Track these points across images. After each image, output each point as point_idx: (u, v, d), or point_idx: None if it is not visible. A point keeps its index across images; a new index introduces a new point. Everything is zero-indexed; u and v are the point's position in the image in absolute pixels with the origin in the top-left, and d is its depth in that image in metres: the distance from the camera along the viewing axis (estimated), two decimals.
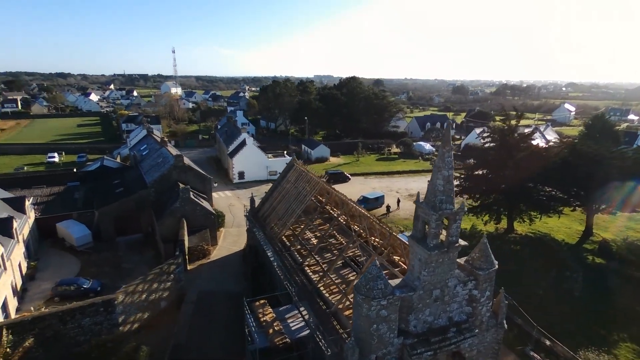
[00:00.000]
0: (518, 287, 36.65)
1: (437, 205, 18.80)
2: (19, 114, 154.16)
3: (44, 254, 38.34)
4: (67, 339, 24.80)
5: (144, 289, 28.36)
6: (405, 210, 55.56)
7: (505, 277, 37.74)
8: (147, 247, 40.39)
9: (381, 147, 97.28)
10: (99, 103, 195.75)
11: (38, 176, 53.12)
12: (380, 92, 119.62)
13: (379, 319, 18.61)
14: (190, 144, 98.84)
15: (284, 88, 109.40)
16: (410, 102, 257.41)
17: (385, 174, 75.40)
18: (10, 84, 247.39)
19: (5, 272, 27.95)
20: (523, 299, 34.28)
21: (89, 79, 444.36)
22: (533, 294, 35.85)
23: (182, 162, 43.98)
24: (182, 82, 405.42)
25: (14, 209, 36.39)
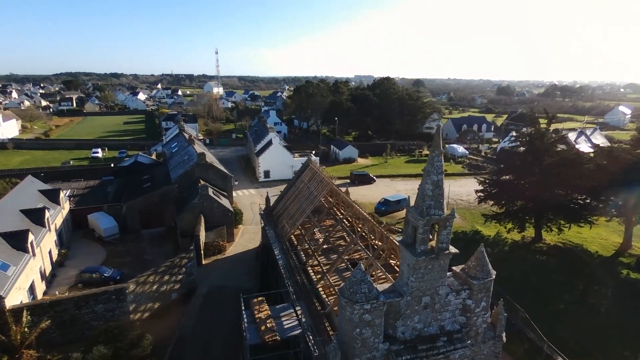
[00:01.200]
0: (538, 299, 35.02)
1: (425, 211, 18.39)
2: (74, 112, 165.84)
3: (75, 243, 41.17)
4: (82, 323, 26.60)
5: (155, 280, 29.78)
6: None
7: (526, 288, 36.24)
8: (168, 240, 42.25)
9: (412, 148, 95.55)
10: (146, 102, 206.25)
11: (78, 170, 57.03)
12: (414, 93, 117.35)
13: (362, 323, 18.49)
14: (223, 142, 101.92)
15: (316, 88, 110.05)
16: (451, 103, 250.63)
17: (413, 177, 74.04)
18: (68, 83, 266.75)
19: (34, 258, 30.37)
20: (541, 312, 32.71)
21: (140, 78, 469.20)
22: (553, 307, 34.02)
23: (204, 160, 45.59)
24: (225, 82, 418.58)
25: (49, 200, 39.40)
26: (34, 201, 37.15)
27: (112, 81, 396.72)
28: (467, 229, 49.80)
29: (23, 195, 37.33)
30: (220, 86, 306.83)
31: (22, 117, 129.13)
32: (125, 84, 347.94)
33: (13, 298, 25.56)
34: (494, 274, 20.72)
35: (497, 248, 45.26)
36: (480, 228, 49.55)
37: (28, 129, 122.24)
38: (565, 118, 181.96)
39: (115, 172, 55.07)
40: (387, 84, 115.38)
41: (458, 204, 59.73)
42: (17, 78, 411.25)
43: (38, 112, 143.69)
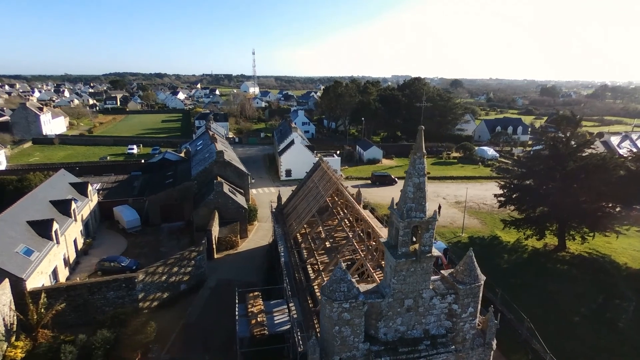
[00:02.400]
0: (552, 309, 33.65)
1: (405, 213, 18.35)
2: (117, 110, 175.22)
3: (101, 233, 43.89)
4: (94, 307, 28.47)
5: (164, 271, 31.31)
6: (445, 217, 53.19)
7: (540, 298, 34.86)
8: (185, 234, 44.04)
9: (440, 150, 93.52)
10: (184, 101, 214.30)
11: (109, 165, 60.57)
12: (445, 94, 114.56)
13: (341, 321, 18.74)
14: (252, 141, 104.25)
15: (344, 88, 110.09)
16: (489, 103, 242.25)
17: (437, 179, 72.57)
18: (115, 83, 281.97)
19: (57, 245, 32.81)
20: (553, 324, 31.44)
21: (182, 78, 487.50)
22: (567, 319, 32.52)
23: (222, 158, 47.13)
24: (262, 82, 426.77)
25: (78, 193, 42.26)
26: (64, 193, 40.00)
27: (156, 81, 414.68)
28: (485, 234, 48.36)
29: (54, 187, 40.27)
30: (256, 86, 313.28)
31: (70, 115, 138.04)
32: (167, 83, 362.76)
33: (34, 281, 27.81)
34: (483, 280, 20.27)
35: (516, 255, 43.66)
36: (499, 234, 47.98)
37: (75, 125, 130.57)
38: (613, 121, 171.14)
39: (143, 168, 58.02)
40: (417, 85, 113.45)
41: (480, 208, 58.11)
42: (71, 78, 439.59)
43: (85, 110, 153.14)
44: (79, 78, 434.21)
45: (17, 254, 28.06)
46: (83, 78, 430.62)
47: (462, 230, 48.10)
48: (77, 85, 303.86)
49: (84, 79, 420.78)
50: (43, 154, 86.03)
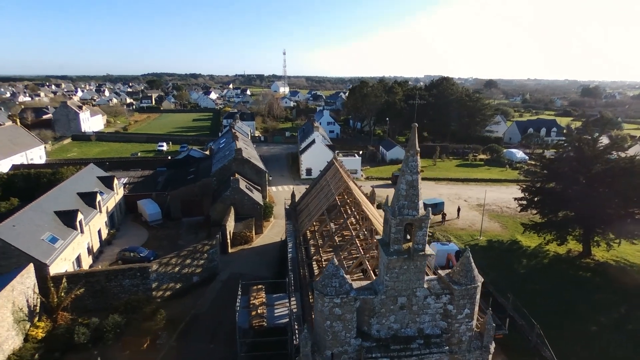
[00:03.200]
0: (569, 317, 32.45)
1: (397, 210, 18.37)
2: (152, 109, 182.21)
3: (125, 225, 46.09)
4: (111, 294, 30.06)
5: (177, 262, 32.60)
6: (465, 220, 52.12)
7: (558, 305, 33.71)
8: (203, 228, 45.47)
9: (466, 152, 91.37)
10: (216, 101, 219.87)
11: (137, 161, 63.29)
12: (474, 94, 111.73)
13: (332, 316, 18.98)
14: (277, 139, 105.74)
15: (370, 88, 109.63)
16: (524, 105, 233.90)
17: (460, 181, 71.08)
18: (151, 83, 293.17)
19: (81, 234, 34.85)
20: (568, 332, 30.34)
21: (215, 78, 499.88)
22: (584, 328, 31.25)
23: (241, 155, 48.32)
24: (292, 82, 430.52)
25: (105, 186, 44.59)
26: (91, 186, 42.33)
27: (191, 81, 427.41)
28: (505, 237, 47.01)
29: (83, 180, 42.68)
30: (286, 86, 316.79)
31: (108, 113, 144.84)
32: (200, 83, 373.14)
33: (57, 267, 29.71)
34: (480, 281, 19.92)
35: (535, 260, 42.22)
36: (520, 238, 46.50)
37: (112, 123, 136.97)
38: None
39: (169, 164, 60.30)
40: (445, 84, 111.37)
41: (503, 212, 56.51)
42: (112, 78, 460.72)
43: (122, 109, 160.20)
44: (119, 78, 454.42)
45: (43, 241, 30.07)
46: (123, 78, 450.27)
47: (480, 233, 46.97)
48: (116, 85, 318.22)
49: (123, 79, 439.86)
50: (80, 150, 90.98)
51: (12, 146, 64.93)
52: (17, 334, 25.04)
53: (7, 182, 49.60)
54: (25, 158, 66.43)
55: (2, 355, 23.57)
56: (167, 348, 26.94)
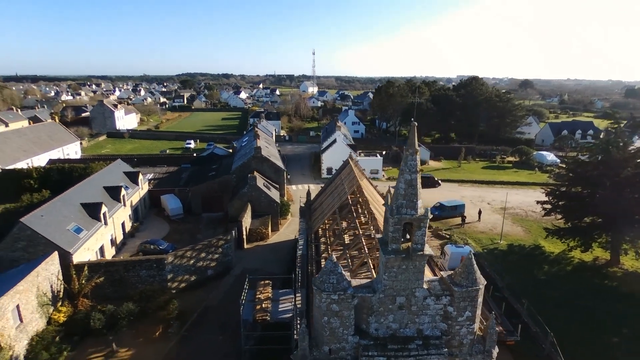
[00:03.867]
0: (590, 327, 31.12)
1: (395, 209, 18.31)
2: (183, 108, 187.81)
3: (148, 219, 47.96)
4: (129, 283, 31.44)
5: (192, 255, 33.67)
6: (486, 223, 50.79)
7: (578, 314, 32.44)
8: (222, 224, 46.59)
9: (493, 154, 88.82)
10: (245, 100, 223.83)
11: (164, 157, 65.58)
12: (504, 94, 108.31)
13: (329, 312, 19.17)
14: (301, 139, 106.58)
15: (396, 88, 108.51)
16: (561, 106, 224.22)
17: (485, 183, 69.23)
18: (185, 83, 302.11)
19: (105, 226, 36.63)
20: (588, 342, 29.11)
21: (246, 78, 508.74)
22: (605, 339, 29.89)
23: (260, 154, 49.20)
24: (322, 82, 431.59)
25: (130, 181, 46.57)
26: (117, 180, 44.32)
27: (222, 81, 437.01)
28: (527, 242, 45.49)
29: (109, 175, 44.77)
30: (315, 86, 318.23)
31: (142, 112, 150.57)
32: (232, 83, 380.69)
33: (80, 256, 31.40)
34: (483, 284, 19.55)
35: (558, 267, 40.63)
36: (543, 243, 44.88)
37: (145, 121, 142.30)
38: None
39: (193, 161, 62.17)
40: (475, 84, 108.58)
41: (528, 216, 54.68)
42: (148, 78, 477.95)
43: (155, 108, 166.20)
44: (155, 78, 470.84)
45: (68, 231, 31.86)
46: (159, 78, 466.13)
47: (500, 237, 45.67)
48: (152, 85, 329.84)
49: (159, 79, 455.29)
50: (114, 147, 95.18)
51: (50, 142, 68.89)
52: (40, 316, 26.69)
53: (44, 175, 52.81)
54: (62, 153, 70.28)
55: (26, 335, 25.22)
56: (178, 337, 27.93)
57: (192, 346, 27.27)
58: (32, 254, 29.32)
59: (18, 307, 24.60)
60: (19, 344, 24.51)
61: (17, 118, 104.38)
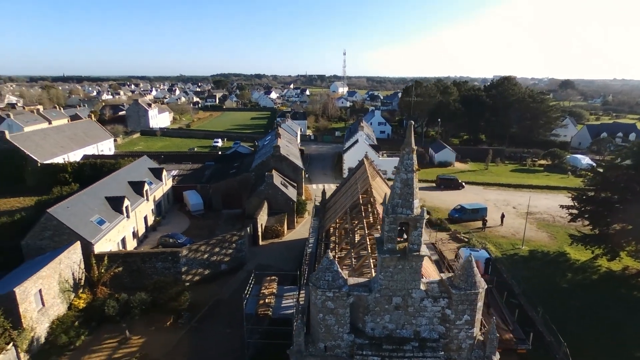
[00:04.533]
0: (610, 339, 29.57)
1: (390, 209, 18.18)
2: (215, 107, 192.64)
3: (171, 214, 49.69)
4: (146, 274, 32.76)
5: (206, 250, 34.65)
6: (509, 227, 49.13)
7: (601, 326, 30.93)
8: (240, 220, 47.50)
9: (524, 156, 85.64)
10: (275, 100, 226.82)
11: (190, 155, 67.65)
12: (538, 95, 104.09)
13: (324, 309, 19.30)
14: (326, 139, 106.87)
15: (423, 89, 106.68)
16: (604, 107, 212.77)
17: (512, 187, 66.89)
18: (218, 83, 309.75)
19: (127, 219, 38.33)
20: (606, 355, 27.74)
21: (278, 79, 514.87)
22: (626, 353, 28.33)
23: (278, 152, 49.87)
24: (353, 83, 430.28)
25: (154, 176, 48.44)
26: (142, 176, 46.20)
27: (255, 81, 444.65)
28: (551, 249, 43.65)
29: (135, 170, 46.76)
30: (345, 86, 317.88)
31: (175, 111, 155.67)
32: (263, 83, 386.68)
33: (102, 246, 33.05)
34: (483, 288, 19.06)
35: (583, 275, 38.79)
36: (568, 250, 42.93)
37: (177, 120, 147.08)
38: None
39: (216, 159, 63.79)
40: (507, 85, 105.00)
41: (555, 221, 52.48)
42: (184, 79, 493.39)
43: (187, 107, 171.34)
44: (190, 78, 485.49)
45: (91, 222, 33.61)
46: (194, 78, 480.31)
47: (522, 242, 44.07)
48: (187, 85, 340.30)
49: (194, 79, 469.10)
50: (146, 144, 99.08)
51: (86, 138, 72.68)
52: (62, 302, 28.34)
53: (78, 170, 55.88)
54: (97, 149, 73.99)
55: (48, 319, 26.86)
56: (188, 328, 28.88)
57: (201, 337, 28.12)
58: (57, 242, 31.15)
59: (40, 292, 26.24)
60: (41, 326, 26.15)
61: (59, 116, 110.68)
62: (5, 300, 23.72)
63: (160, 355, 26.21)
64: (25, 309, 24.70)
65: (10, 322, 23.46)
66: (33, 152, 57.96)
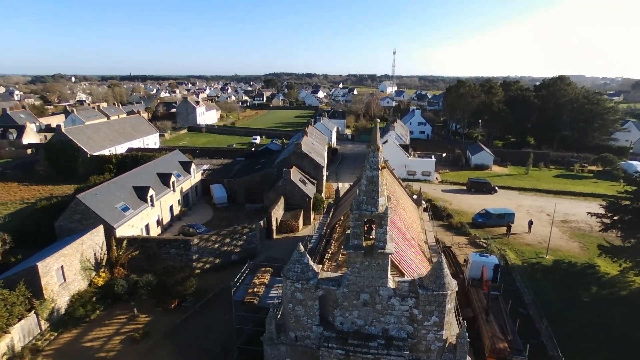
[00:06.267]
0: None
1: (355, 206, 18.39)
2: (262, 106, 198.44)
3: (198, 205, 52.54)
4: (160, 259, 35.19)
5: (217, 240, 36.47)
6: (537, 235, 46.46)
7: (624, 344, 28.81)
8: (261, 214, 49.14)
9: (572, 161, 79.88)
10: (322, 99, 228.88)
11: (223, 150, 70.72)
12: (594, 96, 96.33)
13: (294, 300, 19.94)
14: (364, 138, 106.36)
15: (467, 88, 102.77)
16: None
17: (551, 193, 62.92)
18: (268, 82, 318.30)
19: (152, 208, 41.28)
20: None
21: (329, 78, 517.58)
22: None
23: (300, 150, 50.92)
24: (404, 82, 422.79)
25: (183, 170, 51.48)
26: (171, 168, 49.33)
27: (305, 80, 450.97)
28: (580, 260, 40.80)
29: (165, 163, 50.04)
30: (394, 86, 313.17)
31: (224, 109, 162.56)
32: (313, 83, 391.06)
33: (123, 231, 35.98)
34: (452, 289, 18.69)
35: (610, 290, 35.97)
36: (599, 262, 39.89)
37: (224, 117, 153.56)
38: None
39: (246, 155, 66.22)
40: (559, 85, 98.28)
41: (593, 231, 48.76)
42: (238, 78, 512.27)
43: (235, 105, 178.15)
44: (244, 78, 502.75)
45: (116, 208, 36.69)
46: (247, 78, 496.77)
47: (547, 251, 41.57)
48: (239, 84, 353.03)
49: (247, 78, 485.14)
50: (190, 139, 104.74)
51: (133, 133, 78.55)
52: (82, 278, 31.36)
53: (121, 161, 60.71)
54: (142, 143, 79.68)
55: (68, 293, 29.88)
56: (191, 312, 30.72)
57: (201, 321, 29.82)
58: (85, 225, 34.42)
59: (62, 268, 29.26)
60: (61, 299, 29.18)
61: (117, 112, 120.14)
62: (29, 274, 26.83)
63: (161, 334, 28.23)
64: (46, 282, 27.72)
65: (31, 292, 26.47)
66: (84, 145, 63.79)
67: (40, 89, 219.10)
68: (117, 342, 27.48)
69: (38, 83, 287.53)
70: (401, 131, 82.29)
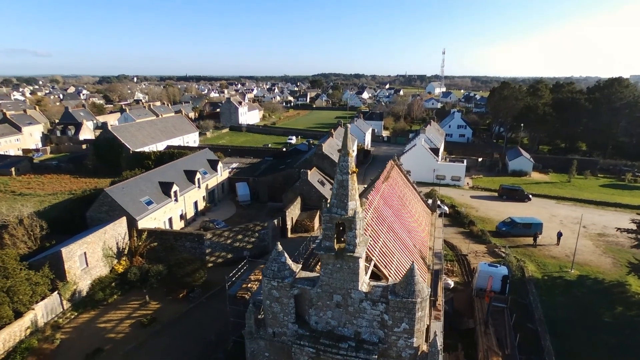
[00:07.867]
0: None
1: (326, 208, 18.74)
2: (305, 106, 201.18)
3: (223, 202, 54.89)
4: (177, 251, 37.45)
5: (229, 236, 38.12)
6: (565, 248, 43.68)
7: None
8: (280, 213, 50.59)
9: (624, 170, 73.66)
10: (366, 100, 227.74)
11: (253, 150, 73.03)
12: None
13: (270, 297, 20.68)
14: (400, 140, 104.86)
15: (511, 90, 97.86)
16: None
17: (593, 204, 58.63)
18: (314, 82, 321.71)
19: (175, 202, 43.90)
20: None
21: (377, 79, 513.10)
22: None
23: (321, 151, 51.57)
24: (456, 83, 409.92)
25: (211, 167, 54.03)
26: (198, 166, 51.97)
27: (353, 81, 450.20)
28: (609, 277, 37.95)
29: (193, 161, 52.80)
30: (442, 87, 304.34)
31: (267, 109, 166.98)
32: (360, 83, 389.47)
33: (145, 223, 38.67)
34: (423, 298, 18.47)
35: (638, 311, 33.16)
36: (630, 281, 36.87)
37: (267, 117, 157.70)
38: None
39: (275, 154, 67.93)
40: (616, 87, 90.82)
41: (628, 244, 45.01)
42: (287, 78, 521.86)
43: (278, 105, 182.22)
44: (292, 78, 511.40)
45: (140, 202, 39.51)
46: (295, 78, 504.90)
47: (572, 266, 39.05)
48: (287, 85, 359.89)
49: (295, 79, 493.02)
50: (230, 139, 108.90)
51: (174, 131, 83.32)
52: (104, 265, 34.22)
53: (159, 158, 64.67)
54: (182, 141, 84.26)
55: (90, 277, 32.77)
56: (198, 302, 32.50)
57: (206, 311, 31.46)
58: (111, 216, 37.44)
59: (85, 254, 32.16)
60: (83, 282, 32.08)
61: (167, 111, 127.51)
62: (54, 258, 29.83)
63: (166, 321, 30.17)
64: (70, 266, 30.64)
65: (55, 274, 29.40)
66: (127, 141, 68.77)
67: (104, 89, 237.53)
68: (126, 325, 29.78)
69: (104, 83, 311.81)
70: (434, 134, 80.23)
